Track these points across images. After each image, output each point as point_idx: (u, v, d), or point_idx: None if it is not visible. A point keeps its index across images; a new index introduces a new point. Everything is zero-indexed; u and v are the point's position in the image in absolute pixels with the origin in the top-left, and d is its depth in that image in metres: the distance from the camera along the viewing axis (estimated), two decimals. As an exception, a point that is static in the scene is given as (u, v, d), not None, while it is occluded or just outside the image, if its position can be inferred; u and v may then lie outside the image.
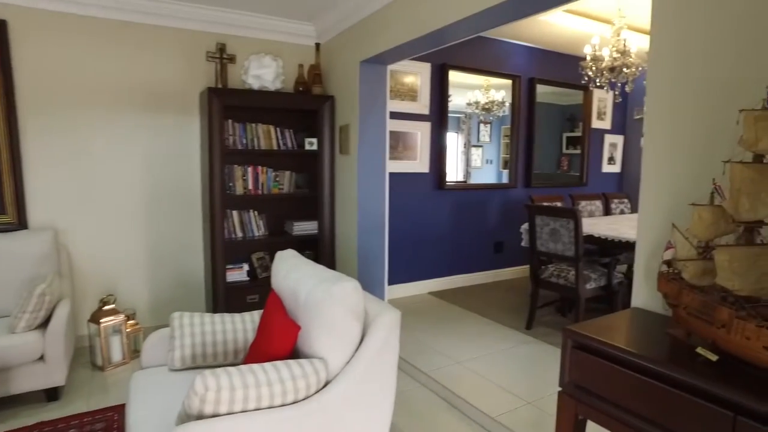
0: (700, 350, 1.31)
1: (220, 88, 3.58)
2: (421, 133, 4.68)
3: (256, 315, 2.37)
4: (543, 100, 5.79)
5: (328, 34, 4.01)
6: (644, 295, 1.80)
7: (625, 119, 6.50)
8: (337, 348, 1.80)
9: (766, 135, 1.22)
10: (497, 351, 3.42)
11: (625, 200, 5.46)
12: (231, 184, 3.79)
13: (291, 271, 2.14)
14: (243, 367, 1.65)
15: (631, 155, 6.47)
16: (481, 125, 7.74)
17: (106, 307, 3.08)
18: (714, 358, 1.27)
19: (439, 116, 4.80)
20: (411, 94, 4.59)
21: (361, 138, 3.70)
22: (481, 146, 7.70)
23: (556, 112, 6.14)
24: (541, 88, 5.58)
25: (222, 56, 3.65)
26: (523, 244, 4.28)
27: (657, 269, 1.73)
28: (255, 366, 1.68)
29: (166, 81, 3.63)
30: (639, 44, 4.07)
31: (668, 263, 1.56)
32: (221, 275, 3.65)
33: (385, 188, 3.86)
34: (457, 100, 5.38)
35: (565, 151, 6.41)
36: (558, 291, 3.77)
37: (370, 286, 3.88)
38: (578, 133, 6.30)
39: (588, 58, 4.01)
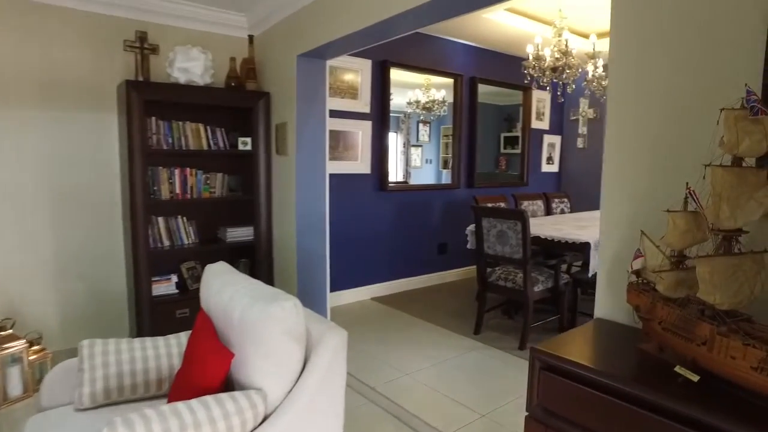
0: (679, 369, 1.20)
1: (140, 82, 3.23)
2: (362, 133, 4.49)
3: (183, 337, 2.09)
4: (481, 100, 5.77)
5: (263, 25, 3.73)
6: (608, 305, 1.70)
7: (563, 120, 6.61)
8: (277, 376, 1.58)
9: (747, 136, 1.12)
10: (447, 360, 3.29)
11: (565, 199, 5.53)
12: (155, 188, 3.44)
13: (222, 288, 1.89)
14: (165, 408, 1.40)
15: (569, 155, 6.59)
16: (421, 125, 7.69)
17: (2, 333, 2.66)
18: (695, 378, 1.16)
19: (380, 115, 4.63)
20: (351, 92, 4.39)
21: (299, 137, 3.46)
22: (420, 146, 7.63)
23: (494, 112, 6.15)
24: (479, 89, 5.54)
25: (143, 46, 3.29)
26: (468, 246, 4.19)
27: (621, 278, 1.64)
28: (180, 405, 1.43)
29: (74, 72, 3.22)
30: (579, 46, 4.09)
31: (637, 273, 1.45)
32: (146, 288, 3.30)
33: (326, 190, 3.64)
34: (398, 100, 5.24)
35: (503, 150, 6.45)
36: (506, 294, 3.70)
37: (312, 294, 3.65)
38: (516, 133, 6.36)
39: (530, 57, 3.97)
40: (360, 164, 4.51)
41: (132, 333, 3.48)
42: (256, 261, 3.81)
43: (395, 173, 6.76)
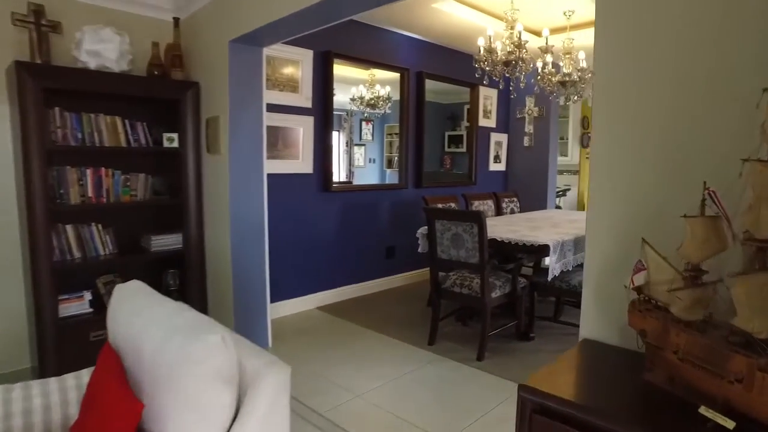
0: (706, 412, 0.97)
1: (36, 64, 2.73)
2: (303, 129, 4.14)
3: (85, 376, 1.69)
4: (425, 99, 5.60)
5: (190, 6, 3.32)
6: (597, 324, 1.48)
7: (509, 118, 6.53)
8: (201, 430, 1.24)
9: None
10: (401, 376, 3.01)
11: (515, 199, 5.41)
12: (62, 191, 2.95)
13: (132, 316, 1.52)
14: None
15: (515, 154, 6.51)
16: (364, 123, 7.41)
17: None
18: (731, 425, 0.94)
19: (323, 110, 4.30)
20: (292, 85, 4.04)
21: (232, 133, 3.08)
22: (363, 145, 7.36)
23: (438, 110, 5.98)
24: (426, 84, 5.33)
25: (39, 22, 2.78)
26: (420, 250, 3.95)
27: (612, 293, 1.41)
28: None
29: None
30: (531, 43, 3.94)
31: (639, 290, 1.22)
32: (50, 309, 2.81)
33: (263, 192, 3.29)
34: (340, 97, 4.93)
35: (447, 149, 6.29)
36: (462, 301, 3.48)
37: (250, 306, 3.28)
38: (460, 132, 6.21)
39: (481, 50, 3.77)
40: (301, 163, 4.16)
41: (33, 362, 2.97)
42: (186, 271, 3.38)
43: (338, 173, 6.45)
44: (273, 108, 3.87)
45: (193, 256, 3.36)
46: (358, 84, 5.43)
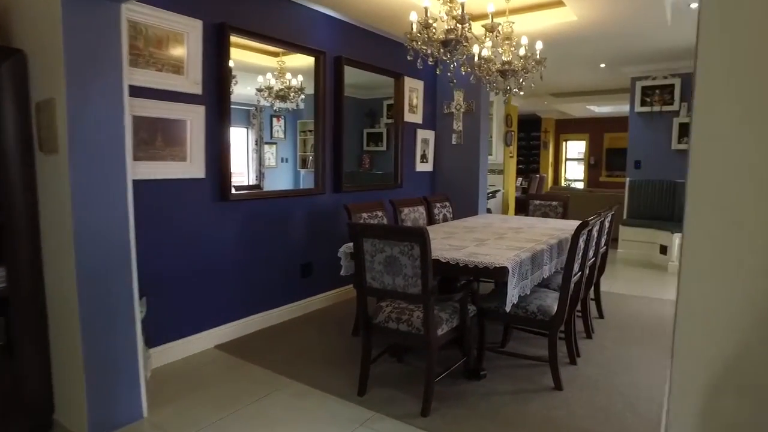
0: None
1: None
2: (192, 122, 3.24)
3: None
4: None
5: (8, -57, 2.32)
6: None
7: (436, 113, 5.95)
8: None
9: None
10: (325, 453, 2.25)
11: (447, 203, 4.81)
12: None
13: None
14: None
15: (442, 152, 5.95)
16: (275, 120, 6.54)
17: None
18: None
19: (218, 98, 3.42)
20: (174, 64, 3.12)
21: (76, 123, 2.15)
22: (275, 143, 6.49)
23: (356, 106, 5.27)
24: (347, 73, 4.58)
25: None
26: (343, 273, 3.20)
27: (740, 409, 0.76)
28: None
29: None
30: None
31: None
32: None
33: (127, 205, 2.38)
34: (245, 90, 4.06)
35: (366, 148, 5.60)
36: (399, 340, 2.78)
37: (111, 362, 2.37)
38: (379, 129, 5.56)
39: (414, 26, 3.09)
40: (190, 166, 3.25)
41: None
42: (15, 319, 2.39)
43: (248, 176, 5.54)
44: (148, 93, 2.94)
45: (25, 297, 2.38)
46: (265, 73, 4.56)
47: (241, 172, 4.45)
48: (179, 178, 3.18)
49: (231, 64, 3.64)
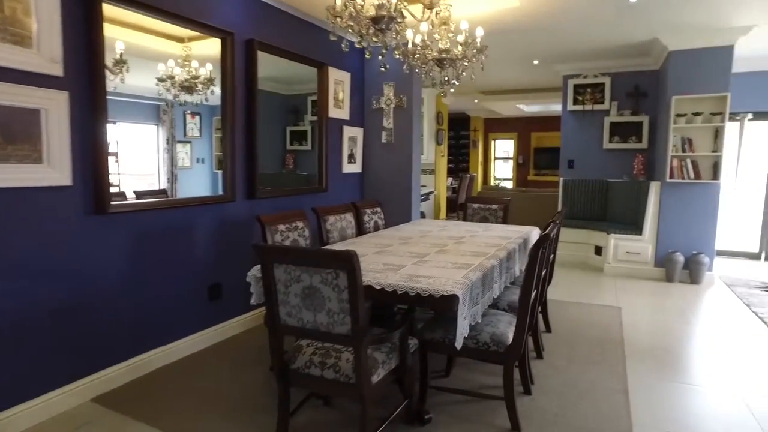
0: None
1: None
2: (49, 113, 2.48)
3: None
4: (263, 88, 4.26)
5: None
6: None
7: (364, 108, 5.42)
8: None
9: None
10: None
11: (378, 209, 4.29)
12: None
13: None
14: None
15: (371, 152, 5.43)
16: (188, 116, 5.77)
17: None
18: None
19: (89, 83, 2.68)
20: (16, 33, 2.36)
21: None
22: (189, 142, 5.72)
23: (278, 103, 4.64)
24: (264, 63, 3.95)
25: None
26: (254, 301, 2.58)
27: None
28: None
29: None
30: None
31: None
32: None
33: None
34: (149, 80, 3.32)
35: (289, 147, 4.97)
36: (325, 389, 2.22)
37: None
38: (303, 127, 4.96)
39: (338, 1, 2.54)
40: (48, 170, 2.49)
41: None
42: None
43: (159, 178, 4.73)
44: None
45: None
46: (167, 59, 3.82)
47: (150, 174, 3.71)
48: (31, 187, 2.43)
49: (121, 47, 2.94)
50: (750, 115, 6.30)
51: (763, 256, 6.92)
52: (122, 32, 2.95)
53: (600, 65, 6.54)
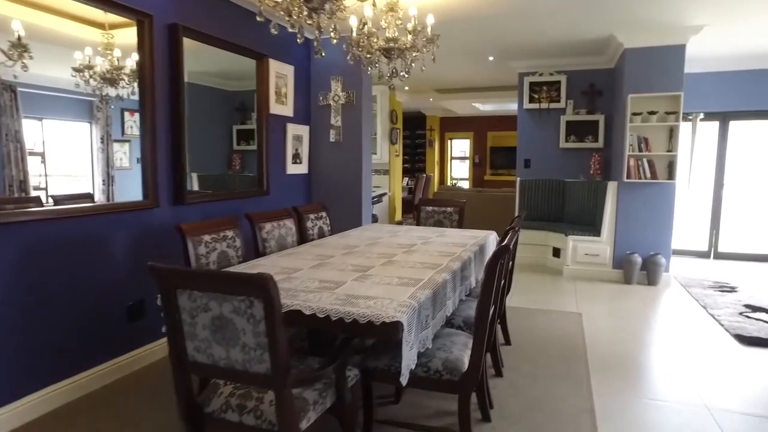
0: None
1: None
2: None
3: None
4: (207, 84, 3.91)
5: None
6: None
7: (310, 104, 5.04)
8: None
9: None
10: None
11: (323, 214, 3.93)
12: None
13: None
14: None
15: (319, 151, 5.06)
16: (128, 114, 5.26)
17: None
18: None
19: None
20: None
21: None
22: (128, 141, 5.20)
23: (223, 99, 4.24)
24: (199, 65, 3.54)
25: None
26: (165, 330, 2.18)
27: None
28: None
29: None
30: None
31: None
32: None
33: None
34: (61, 70, 2.84)
35: (236, 147, 4.56)
36: (242, 439, 1.83)
37: None
38: (251, 126, 4.56)
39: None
40: None
41: None
42: None
43: (92, 180, 4.20)
44: None
45: None
46: (85, 46, 3.33)
47: (83, 176, 3.25)
48: None
49: (18, 27, 2.48)
50: (702, 115, 6.30)
51: (712, 254, 6.96)
52: (22, 11, 2.49)
53: (556, 63, 6.39)
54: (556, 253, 6.06)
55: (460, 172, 14.19)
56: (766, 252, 6.76)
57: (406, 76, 3.22)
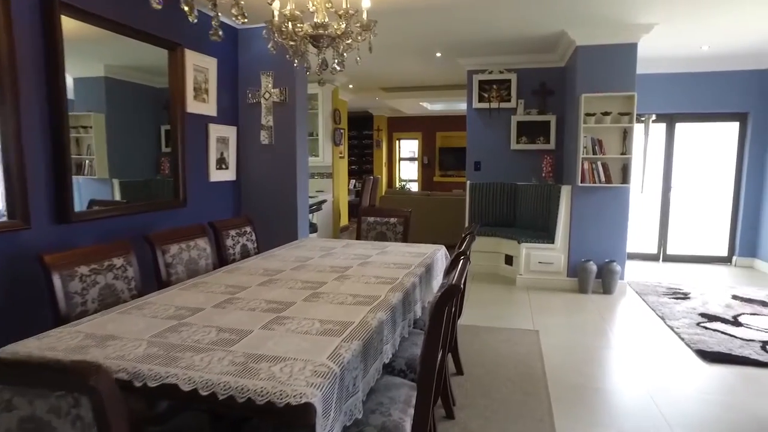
0: None
1: None
2: None
3: None
4: (129, 78, 3.32)
5: None
6: None
7: (237, 102, 4.48)
8: None
9: None
10: None
11: (247, 228, 3.41)
12: None
13: None
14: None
15: (249, 155, 4.51)
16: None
17: None
18: None
19: None
20: None
21: None
22: None
23: (150, 97, 3.63)
24: (119, 58, 2.95)
25: None
26: None
27: None
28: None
29: None
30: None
31: None
32: None
33: None
34: None
35: (165, 149, 3.95)
36: None
37: None
38: (180, 126, 3.95)
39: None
40: None
41: None
42: None
43: None
44: None
45: None
46: None
47: None
48: None
49: None
50: (654, 116, 6.16)
51: (661, 257, 6.87)
52: None
53: (506, 60, 6.09)
54: (509, 260, 5.76)
55: (409, 173, 13.84)
56: (710, 254, 6.73)
57: (339, 68, 2.75)
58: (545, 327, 4.08)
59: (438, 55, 6.00)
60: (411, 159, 13.78)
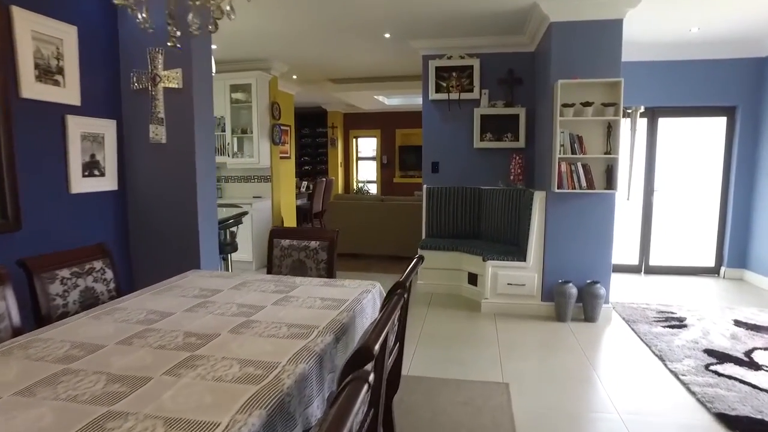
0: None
1: None
2: None
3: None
4: None
5: None
6: None
7: (117, 88, 3.41)
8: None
9: None
10: None
11: (97, 264, 2.37)
12: None
13: None
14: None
15: (136, 158, 3.45)
16: None
17: None
18: None
19: None
20: None
21: None
22: None
23: None
24: None
25: None
26: None
27: None
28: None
29: None
30: None
31: None
32: None
33: None
34: None
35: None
36: None
37: None
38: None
39: None
40: None
41: None
42: None
43: None
44: None
45: None
46: None
47: None
48: None
49: None
50: (642, 109, 5.37)
51: (643, 268, 6.12)
52: None
53: (467, 43, 5.18)
54: (473, 279, 4.86)
55: (367, 173, 12.86)
56: (696, 264, 6.01)
57: (213, 30, 1.75)
58: (517, 376, 3.18)
59: (387, 36, 5.05)
60: (370, 158, 12.81)
